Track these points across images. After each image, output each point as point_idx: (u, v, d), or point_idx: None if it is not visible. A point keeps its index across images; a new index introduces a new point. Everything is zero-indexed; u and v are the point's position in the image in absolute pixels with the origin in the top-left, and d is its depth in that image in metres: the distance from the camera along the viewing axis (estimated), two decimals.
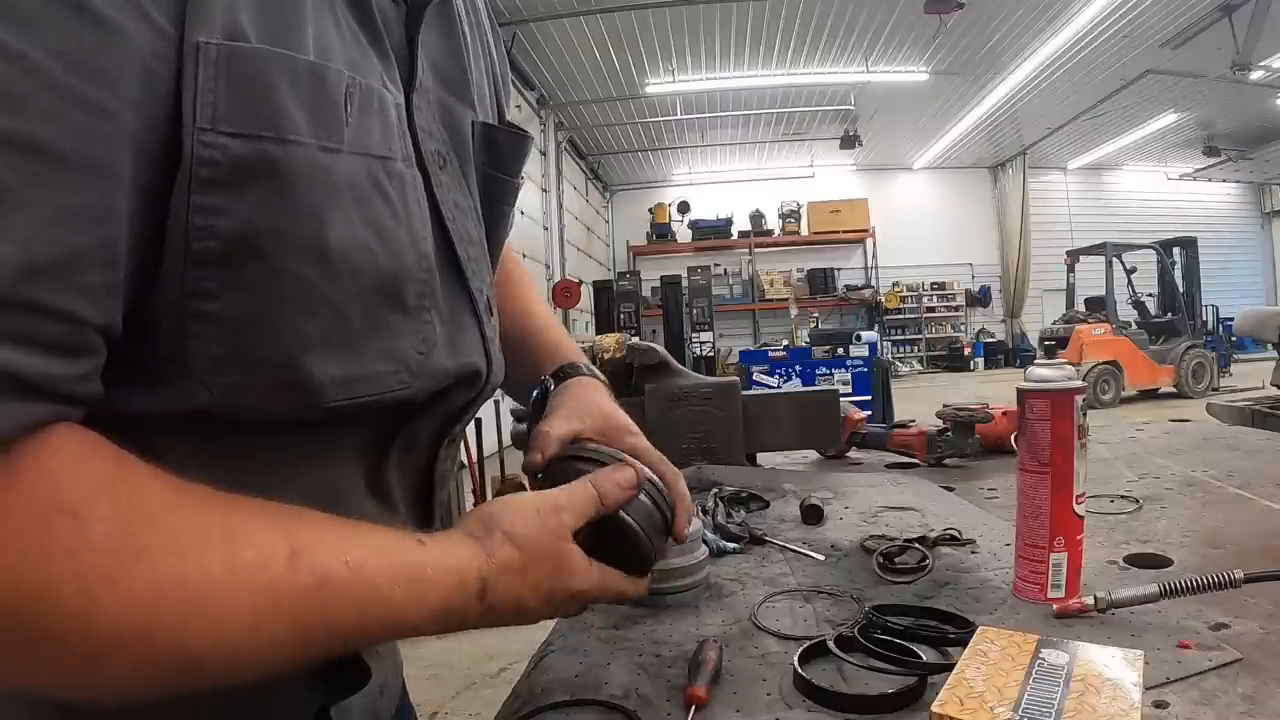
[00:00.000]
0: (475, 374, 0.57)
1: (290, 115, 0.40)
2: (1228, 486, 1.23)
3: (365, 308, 0.46)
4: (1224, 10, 8.75)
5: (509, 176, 0.63)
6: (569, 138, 12.39)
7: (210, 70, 0.37)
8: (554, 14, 8.29)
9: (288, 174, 0.40)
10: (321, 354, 0.44)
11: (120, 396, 0.40)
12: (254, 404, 0.43)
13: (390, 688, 0.63)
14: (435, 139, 0.54)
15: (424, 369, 0.51)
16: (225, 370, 0.41)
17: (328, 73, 0.42)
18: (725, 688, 0.64)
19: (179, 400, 0.42)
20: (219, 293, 0.40)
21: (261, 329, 0.42)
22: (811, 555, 0.98)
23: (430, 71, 0.55)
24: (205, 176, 0.38)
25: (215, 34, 0.37)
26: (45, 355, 0.33)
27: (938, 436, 1.64)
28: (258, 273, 0.40)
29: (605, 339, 1.76)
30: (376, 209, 0.46)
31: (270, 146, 0.39)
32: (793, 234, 16.52)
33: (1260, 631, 0.68)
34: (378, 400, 0.48)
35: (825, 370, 7.80)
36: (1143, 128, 13.79)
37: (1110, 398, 9.47)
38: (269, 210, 0.40)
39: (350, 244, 0.44)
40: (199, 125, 0.37)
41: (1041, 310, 16.02)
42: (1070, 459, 0.75)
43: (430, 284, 0.51)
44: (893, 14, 9.04)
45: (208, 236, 0.38)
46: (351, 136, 0.44)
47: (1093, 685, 0.52)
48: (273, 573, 0.39)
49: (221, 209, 0.38)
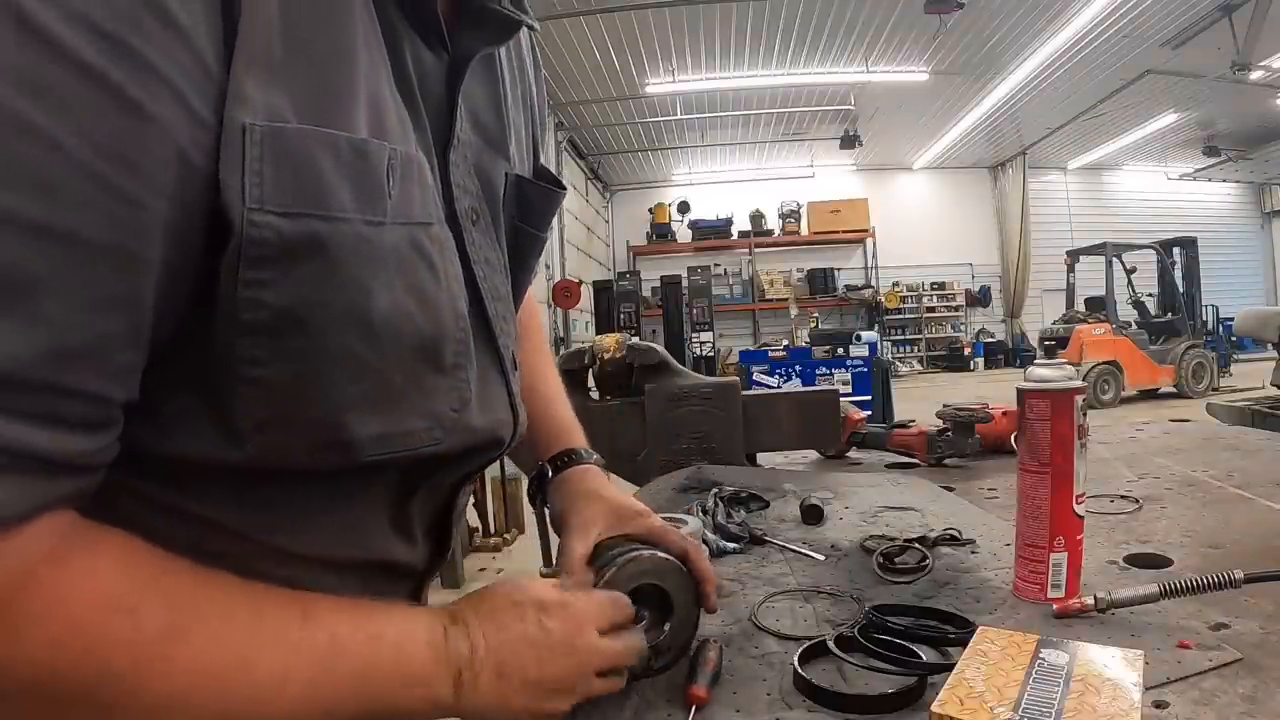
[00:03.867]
0: (502, 430, 0.58)
1: (335, 193, 0.41)
2: (1228, 486, 1.23)
3: (406, 370, 0.47)
4: (1224, 10, 8.74)
5: (537, 231, 0.64)
6: (569, 138, 12.37)
7: (256, 151, 0.38)
8: (554, 14, 8.28)
9: (334, 250, 0.41)
10: (362, 414, 0.46)
11: (164, 440, 0.43)
12: (294, 459, 0.45)
13: None
14: (470, 195, 0.55)
15: (456, 425, 0.52)
16: (269, 429, 0.43)
17: (369, 148, 0.43)
18: (725, 688, 0.64)
19: (225, 453, 0.43)
20: (267, 360, 0.41)
21: (307, 393, 0.43)
22: (811, 555, 0.98)
23: (470, 125, 0.56)
24: (255, 254, 0.39)
25: (258, 116, 0.38)
26: (71, 432, 0.35)
27: (938, 436, 1.64)
28: (304, 342, 0.42)
29: (605, 339, 1.75)
30: (419, 275, 0.47)
31: (317, 225, 0.40)
32: (793, 234, 16.50)
33: (1260, 631, 0.68)
34: (412, 455, 0.50)
35: (825, 370, 7.80)
36: (1143, 128, 13.78)
37: (1110, 398, 9.47)
38: (316, 284, 0.41)
39: (393, 311, 0.45)
40: (248, 205, 0.38)
41: (1041, 310, 16.00)
42: (1070, 459, 0.75)
43: (466, 343, 0.52)
44: (893, 14, 9.03)
45: (257, 308, 0.40)
46: (394, 208, 0.44)
47: (1093, 685, 0.52)
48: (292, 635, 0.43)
49: (270, 283, 0.40)
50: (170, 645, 0.39)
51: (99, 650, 0.37)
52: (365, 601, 0.48)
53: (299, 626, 0.43)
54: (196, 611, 0.40)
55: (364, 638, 0.45)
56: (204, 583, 0.42)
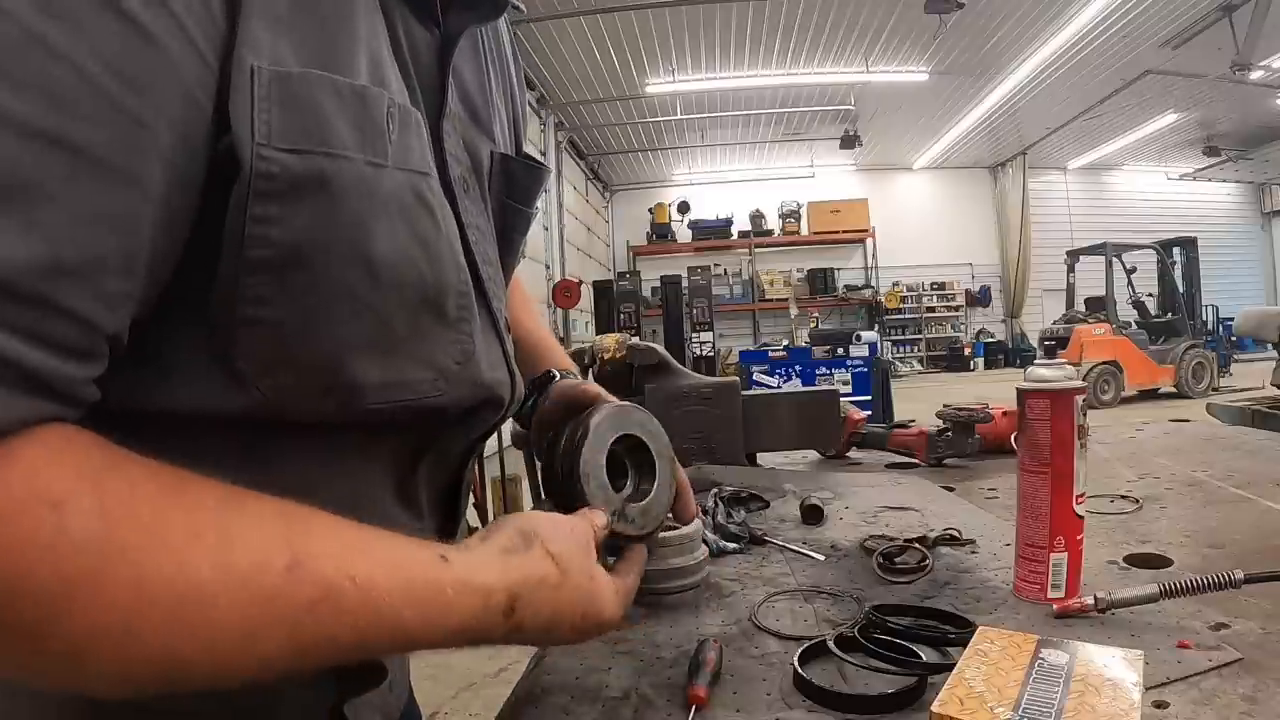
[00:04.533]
0: (502, 388, 0.59)
1: (339, 132, 0.42)
2: (1228, 486, 1.23)
3: (408, 316, 0.48)
4: (1224, 10, 8.74)
5: (523, 206, 0.66)
6: (569, 138, 12.37)
7: (264, 92, 0.40)
8: (554, 14, 8.28)
9: (338, 188, 0.42)
10: (365, 358, 0.46)
11: (168, 392, 0.42)
12: (299, 404, 0.45)
13: (399, 684, 0.63)
14: (460, 163, 0.56)
15: (459, 378, 0.53)
16: (274, 372, 0.44)
17: (369, 93, 0.45)
18: (725, 688, 0.64)
19: (226, 400, 0.43)
20: (271, 298, 0.42)
21: (310, 333, 0.44)
22: (811, 555, 0.98)
23: (459, 101, 0.58)
24: (263, 189, 0.40)
25: (264, 60, 0.40)
26: (55, 354, 0.33)
27: (938, 436, 1.64)
28: (308, 280, 0.42)
29: (605, 339, 1.75)
30: (421, 222, 0.48)
31: (323, 162, 0.42)
32: (793, 234, 16.51)
33: (1260, 631, 0.68)
34: (412, 406, 0.50)
35: (825, 370, 7.79)
36: (1143, 128, 13.78)
37: (1110, 398, 9.47)
38: (320, 221, 0.42)
39: (395, 255, 0.46)
40: (258, 141, 0.39)
41: (1041, 310, 16.00)
42: (1070, 459, 0.75)
43: (469, 296, 0.53)
44: (893, 14, 9.03)
45: (263, 245, 0.41)
46: (395, 153, 0.46)
47: (1093, 685, 0.52)
48: (268, 581, 0.36)
49: (276, 219, 0.41)
50: (104, 561, 0.32)
51: (15, 551, 0.31)
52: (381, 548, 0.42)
53: (282, 573, 0.37)
54: (146, 528, 0.34)
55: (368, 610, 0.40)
56: (167, 489, 0.36)
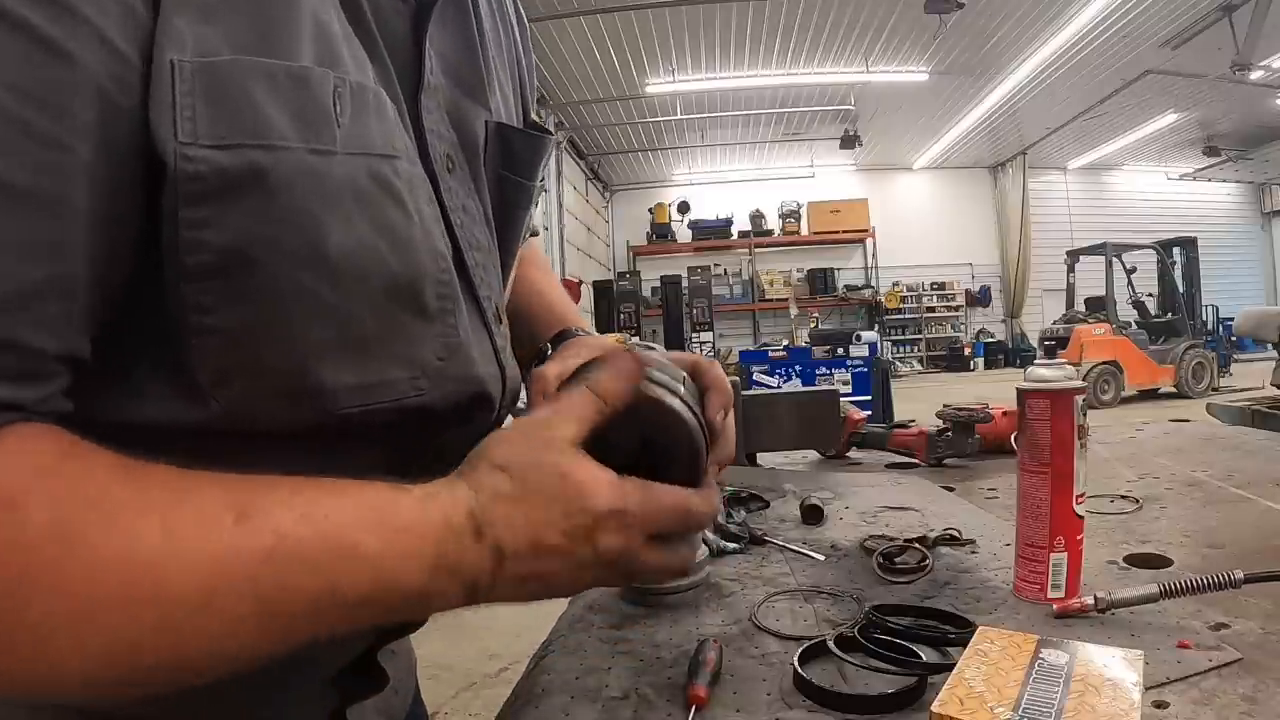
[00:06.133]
0: (490, 384, 0.54)
1: (274, 121, 0.39)
2: (1228, 486, 1.23)
3: (379, 312, 0.45)
4: (1224, 10, 8.74)
5: (523, 179, 0.61)
6: (569, 137, 12.38)
7: (186, 86, 0.37)
8: (554, 14, 8.28)
9: (276, 181, 0.39)
10: (332, 361, 0.43)
11: (130, 404, 0.40)
12: (263, 414, 0.43)
13: (404, 686, 0.62)
14: (444, 141, 0.52)
15: (443, 375, 0.49)
16: (230, 381, 0.41)
17: (310, 74, 0.41)
18: (725, 688, 0.64)
19: (187, 412, 0.41)
20: (216, 306, 0.39)
21: (264, 339, 0.41)
22: (811, 555, 0.98)
23: (442, 70, 0.54)
24: (192, 190, 0.37)
25: (188, 52, 0.37)
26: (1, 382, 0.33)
27: (938, 436, 1.64)
28: (255, 283, 0.39)
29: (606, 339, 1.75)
30: (384, 210, 0.44)
31: (256, 154, 0.38)
32: (793, 234, 16.52)
33: (1260, 631, 0.68)
34: (393, 407, 0.46)
35: (825, 370, 7.79)
36: (1143, 128, 13.78)
37: (1110, 398, 9.47)
38: (260, 219, 0.39)
39: (354, 247, 0.42)
40: (180, 140, 0.37)
41: (1041, 310, 16.01)
42: (1070, 459, 0.75)
43: (450, 285, 0.49)
44: (893, 14, 9.03)
45: (200, 250, 0.38)
46: (346, 137, 0.42)
47: (1093, 685, 0.52)
48: (218, 538, 0.35)
49: (211, 221, 0.38)
50: (60, 548, 0.32)
51: None
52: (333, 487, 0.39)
53: (231, 528, 0.35)
54: (97, 509, 0.34)
55: (325, 544, 0.37)
56: (119, 472, 0.35)
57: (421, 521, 0.40)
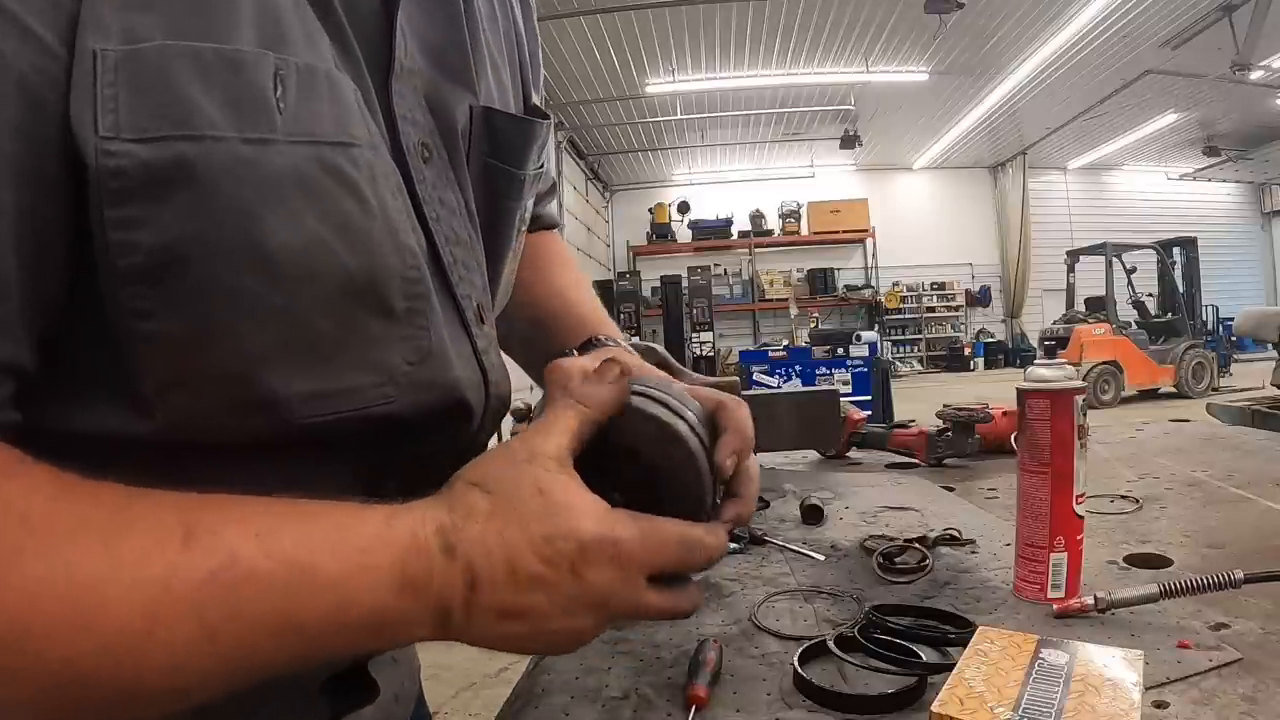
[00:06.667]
0: (467, 389, 0.49)
1: (202, 109, 0.36)
2: (1228, 486, 1.23)
3: (335, 313, 0.41)
4: (1224, 10, 8.74)
5: (512, 168, 0.56)
6: (569, 137, 12.38)
7: (109, 77, 0.34)
8: (554, 14, 8.28)
9: (206, 174, 0.36)
10: (282, 368, 0.40)
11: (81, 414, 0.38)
12: (213, 425, 0.40)
13: (406, 693, 0.61)
14: (419, 128, 0.49)
15: (413, 381, 0.45)
16: (173, 391, 0.38)
17: (244, 57, 0.37)
18: (725, 688, 0.64)
19: (135, 423, 0.38)
20: (153, 311, 0.36)
21: (205, 346, 0.38)
22: (811, 555, 0.98)
23: (419, 52, 0.50)
24: (116, 188, 0.35)
25: (113, 40, 0.34)
26: None
27: (938, 436, 1.64)
28: (190, 286, 0.37)
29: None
30: (336, 202, 0.40)
31: (182, 146, 0.35)
32: (793, 234, 16.52)
33: (1260, 631, 0.68)
34: (357, 416, 0.43)
35: (825, 370, 7.79)
36: (1143, 128, 13.79)
37: (1110, 398, 9.48)
38: (192, 216, 0.36)
39: (300, 244, 0.39)
40: (101, 135, 0.34)
41: (1041, 310, 16.01)
42: (1070, 459, 0.75)
43: (421, 284, 0.45)
44: (893, 14, 9.03)
45: (130, 252, 0.35)
46: (289, 124, 0.39)
47: (1093, 685, 0.52)
48: (162, 559, 0.33)
49: (140, 221, 0.35)
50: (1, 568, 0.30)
51: None
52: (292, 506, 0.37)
53: (178, 550, 0.33)
54: (35, 530, 0.32)
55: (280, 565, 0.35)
56: (60, 495, 0.33)
57: (384, 537, 0.37)
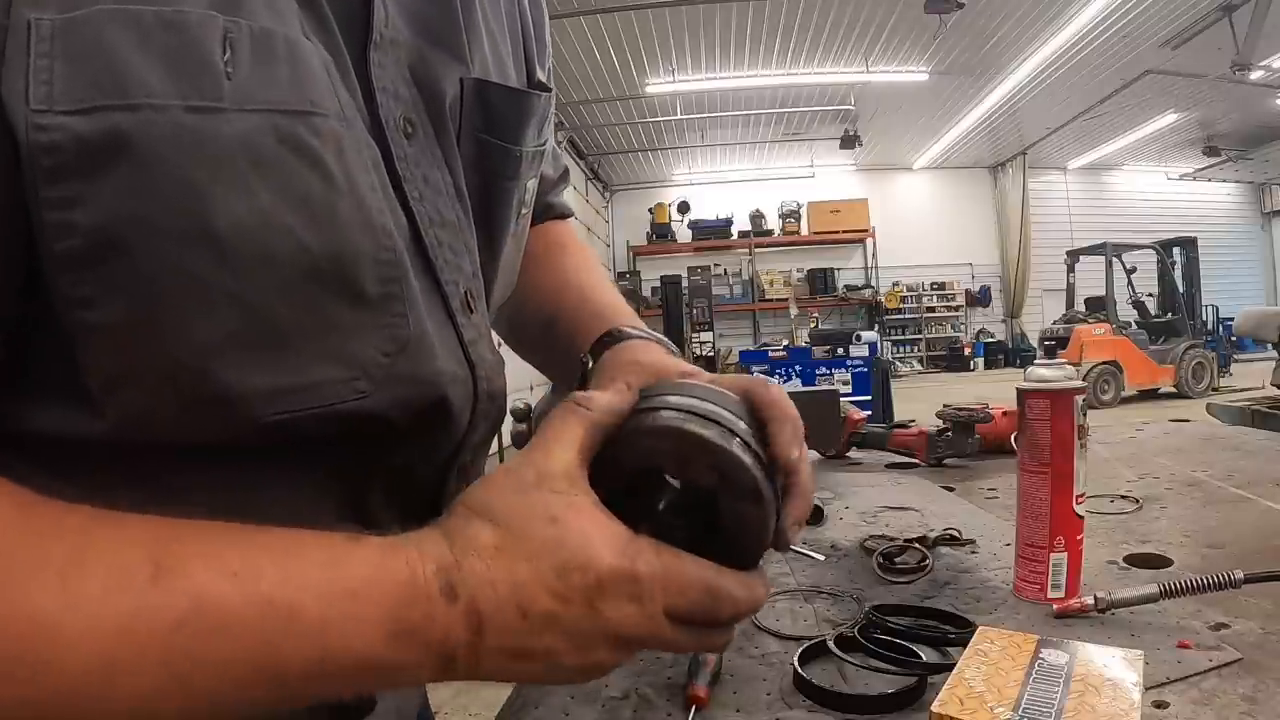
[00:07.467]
0: (450, 384, 0.45)
1: (142, 76, 0.33)
2: (1228, 486, 1.23)
3: (297, 299, 0.38)
4: (1224, 10, 8.74)
5: (508, 144, 0.52)
6: (569, 137, 12.38)
7: (44, 47, 0.32)
8: (554, 14, 8.22)
9: (144, 145, 0.33)
10: (236, 360, 0.36)
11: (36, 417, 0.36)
12: (167, 424, 0.36)
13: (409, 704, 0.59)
14: (401, 101, 0.45)
15: (390, 375, 0.41)
16: (120, 386, 0.35)
17: (187, 18, 0.34)
18: (725, 688, 0.64)
19: (88, 423, 0.35)
20: (95, 299, 0.34)
21: (152, 337, 0.35)
22: (811, 555, 0.98)
23: (403, 21, 0.46)
24: (50, 165, 0.32)
25: (50, 9, 0.32)
26: None
27: (938, 436, 1.64)
28: (131, 270, 0.34)
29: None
30: (295, 175, 0.37)
31: (118, 116, 0.32)
32: (793, 234, 16.51)
33: (1260, 631, 0.68)
34: (327, 414, 0.39)
35: (825, 370, 7.79)
36: (1143, 128, 13.78)
37: (1110, 398, 9.47)
38: (131, 193, 0.33)
39: (254, 223, 0.35)
40: (33, 108, 0.31)
41: (1041, 310, 16.01)
42: (1070, 459, 0.75)
43: (397, 266, 0.42)
44: (893, 14, 9.03)
45: (67, 234, 0.33)
46: (239, 91, 0.35)
47: (1093, 685, 0.52)
48: (126, 600, 0.30)
49: (76, 200, 0.33)
50: None
51: None
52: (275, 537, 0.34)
53: (144, 586, 0.31)
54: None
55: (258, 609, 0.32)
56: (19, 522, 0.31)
57: (377, 578, 0.34)
